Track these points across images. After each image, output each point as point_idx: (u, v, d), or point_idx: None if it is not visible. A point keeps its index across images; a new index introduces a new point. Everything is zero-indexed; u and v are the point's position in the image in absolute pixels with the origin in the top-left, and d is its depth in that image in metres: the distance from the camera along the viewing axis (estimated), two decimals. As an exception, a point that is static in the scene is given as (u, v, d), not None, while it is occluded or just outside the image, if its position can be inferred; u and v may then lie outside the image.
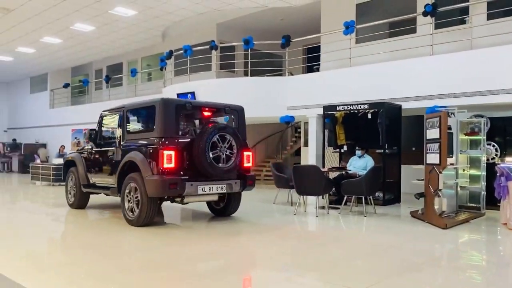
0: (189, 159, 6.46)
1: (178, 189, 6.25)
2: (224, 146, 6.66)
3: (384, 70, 9.97)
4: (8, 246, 5.41)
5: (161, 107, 6.47)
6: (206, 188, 6.54)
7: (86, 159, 8.13)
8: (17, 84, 24.72)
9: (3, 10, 12.60)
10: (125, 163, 6.80)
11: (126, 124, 7.25)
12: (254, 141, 16.98)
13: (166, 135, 6.39)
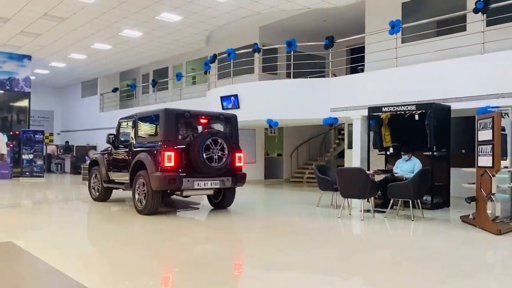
0: (187, 159, 7.60)
1: (177, 184, 7.46)
2: (217, 148, 7.73)
3: (432, 70, 9.66)
4: (63, 243, 5.69)
5: (164, 116, 7.71)
6: (201, 184, 7.72)
7: (107, 160, 9.36)
8: (70, 89, 25.96)
9: (57, 19, 13.29)
10: (136, 162, 7.99)
11: (137, 130, 8.48)
12: (297, 143, 16.94)
13: (167, 139, 7.60)
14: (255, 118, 12.85)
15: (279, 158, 17.05)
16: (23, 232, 6.38)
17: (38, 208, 8.99)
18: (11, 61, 17.94)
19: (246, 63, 14.18)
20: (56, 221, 7.70)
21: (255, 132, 15.89)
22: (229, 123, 8.59)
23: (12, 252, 5.02)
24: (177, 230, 6.81)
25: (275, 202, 10.94)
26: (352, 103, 11.01)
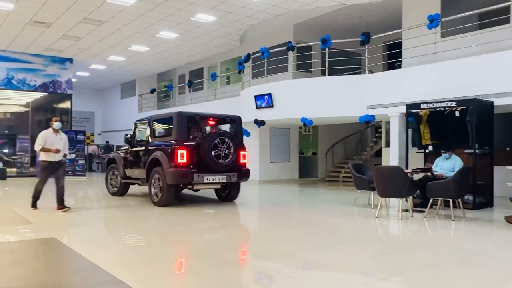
0: (197, 156, 8.48)
1: (188, 178, 8.35)
2: (224, 147, 8.59)
3: (473, 64, 9.29)
4: (105, 238, 5.86)
5: (177, 118, 8.64)
6: (210, 178, 8.59)
7: (123, 158, 10.17)
8: (109, 90, 26.76)
9: (97, 22, 13.71)
10: (152, 160, 8.84)
11: (153, 130, 9.37)
12: (332, 142, 16.74)
13: (180, 138, 8.52)
14: (289, 117, 12.79)
15: (314, 157, 16.90)
16: (66, 229, 6.61)
17: (80, 206, 9.29)
18: (54, 64, 18.68)
19: (280, 62, 14.14)
20: (96, 218, 7.94)
21: (289, 131, 15.82)
22: (234, 124, 9.55)
23: (54, 248, 5.21)
24: (208, 227, 6.86)
25: (310, 201, 10.85)
26: (389, 100, 10.75)
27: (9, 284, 3.81)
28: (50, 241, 5.50)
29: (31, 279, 3.97)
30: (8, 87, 17.81)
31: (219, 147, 8.53)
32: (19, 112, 19.60)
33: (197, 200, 10.11)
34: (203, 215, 8.38)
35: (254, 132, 14.72)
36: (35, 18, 13.30)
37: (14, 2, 11.93)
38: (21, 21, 13.69)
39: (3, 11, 12.70)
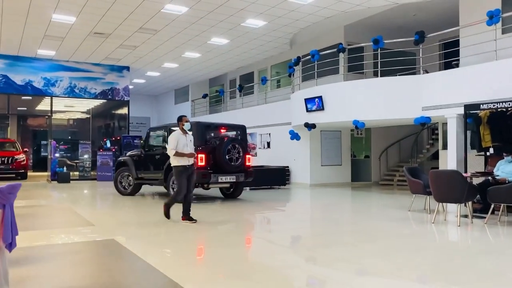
0: (213, 159, 9.81)
1: (207, 178, 9.66)
2: (235, 151, 10.04)
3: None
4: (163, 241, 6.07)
5: (195, 127, 9.74)
6: (223, 178, 10.00)
7: (135, 161, 11.35)
8: (164, 96, 27.67)
9: (152, 31, 14.26)
10: (170, 162, 9.36)
11: None
12: (386, 145, 16.31)
13: (199, 144, 9.50)
14: (341, 120, 12.61)
15: (367, 160, 16.53)
16: (125, 230, 6.91)
17: (137, 207, 9.69)
18: (112, 73, 19.61)
19: (330, 64, 13.98)
20: (153, 220, 8.22)
21: (340, 134, 15.59)
22: (239, 131, 11.01)
23: (114, 249, 5.47)
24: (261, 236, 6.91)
25: (364, 205, 10.63)
26: (446, 101, 10.30)
27: (70, 283, 4.05)
28: (110, 242, 5.79)
29: (91, 279, 4.20)
30: (71, 95, 18.93)
31: (232, 152, 10.00)
32: (80, 118, 20.78)
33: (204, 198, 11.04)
34: (247, 216, 8.45)
35: (305, 135, 14.65)
36: (95, 29, 14.05)
37: (76, 15, 12.66)
38: (82, 33, 14.50)
39: (66, 24, 13.51)
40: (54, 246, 5.62)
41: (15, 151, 17.97)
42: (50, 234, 6.39)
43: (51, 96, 18.60)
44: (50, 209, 9.52)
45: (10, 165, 17.08)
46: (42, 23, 13.43)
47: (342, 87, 12.72)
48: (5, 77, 17.61)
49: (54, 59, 18.23)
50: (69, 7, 11.95)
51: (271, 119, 16.84)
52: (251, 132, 18.24)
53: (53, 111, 18.90)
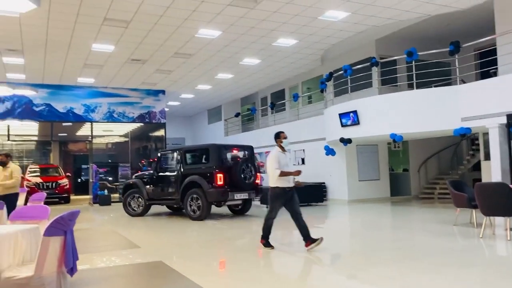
0: (229, 178, 10.51)
1: (225, 196, 10.37)
2: (248, 170, 10.76)
3: None
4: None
5: (214, 148, 10.84)
6: (238, 195, 10.71)
7: (146, 182, 11.93)
8: (197, 116, 28.21)
9: (186, 56, 14.68)
10: (188, 182, 10.78)
11: (185, 159, 11.35)
12: (424, 157, 15.99)
13: (217, 164, 10.58)
14: (377, 134, 12.50)
15: (406, 174, 16.23)
16: (172, 252, 7.05)
17: (179, 228, 9.86)
18: (149, 97, 20.23)
19: (363, 78, 13.94)
20: (198, 240, 8.35)
21: (377, 148, 15.42)
22: (248, 151, 11.74)
23: (162, 271, 5.61)
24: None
25: (405, 221, 10.43)
26: (486, 111, 10.08)
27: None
28: (157, 264, 5.93)
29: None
30: (110, 120, 19.61)
31: (245, 170, 10.71)
32: (119, 142, 21.43)
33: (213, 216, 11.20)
34: (284, 234, 8.44)
35: (340, 150, 14.58)
36: (132, 56, 14.60)
37: (115, 44, 13.22)
38: (120, 60, 15.09)
39: (105, 53, 14.11)
40: (105, 269, 5.82)
41: (58, 176, 18.69)
42: (100, 257, 6.62)
43: (91, 122, 19.35)
44: (95, 232, 9.83)
45: (54, 189, 17.75)
46: (82, 53, 14.08)
47: (377, 100, 12.64)
48: (48, 106, 18.47)
49: (93, 86, 19.00)
50: (108, 37, 12.51)
51: (305, 135, 16.86)
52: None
53: (93, 135, 19.62)
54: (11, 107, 17.82)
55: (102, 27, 11.64)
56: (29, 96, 17.86)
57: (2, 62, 14.53)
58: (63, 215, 3.65)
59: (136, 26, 11.66)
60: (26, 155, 22.99)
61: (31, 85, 17.76)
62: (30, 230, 4.15)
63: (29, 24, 11.23)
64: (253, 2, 10.37)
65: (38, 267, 3.53)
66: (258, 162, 20.37)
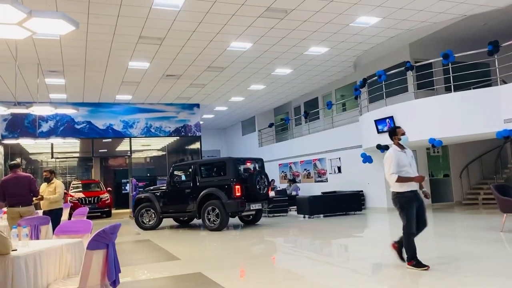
0: (245, 189, 11.05)
1: (244, 207, 10.91)
2: (262, 181, 11.45)
3: None
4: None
5: (231, 162, 11.34)
6: (253, 206, 11.29)
7: (158, 196, 12.16)
8: (231, 128, 28.47)
9: (219, 69, 14.90)
10: (204, 195, 11.21)
11: (201, 172, 11.71)
12: (466, 161, 15.43)
13: (235, 177, 11.08)
14: (415, 139, 12.14)
15: (447, 179, 15.71)
16: (211, 263, 7.10)
17: (219, 240, 9.92)
18: (184, 111, 20.63)
19: (398, 83, 13.68)
20: (237, 252, 8.38)
21: (415, 153, 15.01)
22: (259, 163, 12.29)
23: (201, 282, 5.64)
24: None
25: (448, 228, 10.06)
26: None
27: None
28: (197, 276, 5.98)
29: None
30: (147, 135, 20.13)
31: (260, 182, 11.31)
32: (157, 156, 21.90)
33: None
34: (323, 244, 8.32)
35: (378, 157, 14.30)
36: (167, 72, 14.96)
37: (150, 61, 13.60)
38: (156, 76, 15.50)
39: (141, 70, 14.54)
40: (146, 281, 5.92)
41: (100, 191, 19.25)
42: (140, 269, 6.74)
43: (130, 137, 19.92)
44: (136, 244, 10.03)
45: (96, 204, 18.29)
46: (120, 71, 14.56)
47: (414, 105, 12.35)
48: (89, 123, 19.17)
49: (131, 103, 19.58)
50: (144, 54, 12.89)
51: (340, 143, 16.67)
52: (320, 157, 18.15)
53: (132, 150, 20.17)
54: (54, 126, 18.63)
55: (138, 45, 12.01)
56: (71, 114, 18.60)
57: (45, 83, 15.22)
58: (105, 228, 3.75)
59: (170, 42, 11.97)
60: (69, 171, 23.85)
61: (72, 104, 18.51)
62: (74, 244, 4.29)
63: (69, 45, 11.76)
64: (283, 13, 10.43)
65: (83, 280, 3.63)
66: (293, 171, 20.35)
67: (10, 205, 7.44)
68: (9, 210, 7.44)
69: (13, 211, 7.37)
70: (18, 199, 7.41)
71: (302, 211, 13.68)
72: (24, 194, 7.47)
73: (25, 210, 7.41)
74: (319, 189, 17.20)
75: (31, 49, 11.72)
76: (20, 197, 7.43)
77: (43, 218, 6.52)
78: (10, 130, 18.01)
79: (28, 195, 7.53)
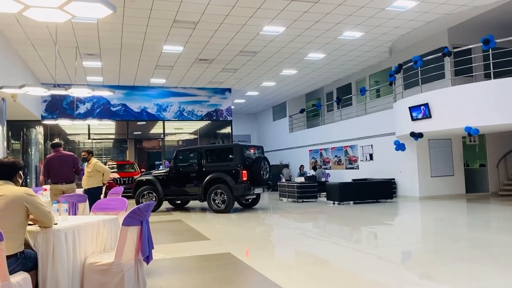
0: (251, 174, 11.67)
1: (250, 191, 11.57)
2: (265, 167, 12.08)
3: None
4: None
5: (238, 148, 11.88)
6: (256, 190, 11.96)
7: (161, 180, 12.53)
8: (262, 113, 28.49)
9: (251, 53, 14.89)
10: (210, 179, 11.71)
11: (206, 157, 12.12)
12: (503, 151, 14.92)
13: (241, 162, 11.63)
14: (451, 127, 11.89)
15: (483, 169, 15.25)
16: (240, 244, 7.25)
17: (245, 222, 10.08)
18: (216, 95, 20.81)
19: (435, 69, 13.29)
20: (263, 234, 8.51)
21: (450, 142, 14.64)
22: (260, 150, 12.97)
23: (229, 262, 5.78)
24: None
25: (482, 219, 9.82)
26: None
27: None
28: (226, 256, 6.13)
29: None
30: (180, 118, 20.47)
31: (263, 167, 11.91)
32: (189, 139, 22.25)
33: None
34: (353, 230, 8.30)
35: (411, 145, 14.03)
36: (200, 56, 15.09)
37: (183, 45, 13.75)
38: (189, 61, 15.66)
39: (175, 54, 14.73)
40: (178, 259, 6.12)
41: (134, 171, 19.77)
42: (173, 248, 6.96)
43: (163, 120, 20.32)
44: (167, 224, 10.31)
45: (130, 184, 18.81)
46: (154, 55, 14.80)
47: (451, 92, 12.00)
48: (124, 106, 19.65)
49: (164, 87, 19.91)
50: (178, 38, 13.04)
51: (372, 130, 16.42)
52: (352, 144, 17.95)
53: (165, 133, 20.58)
54: (90, 108, 19.20)
55: (172, 29, 12.15)
56: (107, 97, 19.09)
57: (83, 66, 15.67)
58: (140, 206, 3.90)
59: (203, 26, 12.05)
60: (105, 152, 24.56)
61: (108, 86, 18.98)
62: (110, 220, 4.47)
63: (106, 29, 12.04)
64: (317, -4, 10.28)
65: (118, 255, 3.80)
66: (323, 158, 20.24)
67: (54, 182, 7.85)
68: (53, 187, 7.85)
69: (57, 188, 7.77)
70: (62, 177, 7.85)
71: (332, 197, 13.65)
72: (68, 172, 7.90)
73: (68, 187, 7.86)
74: (350, 176, 17.06)
75: (69, 32, 12.07)
76: (64, 175, 7.86)
77: (81, 196, 6.82)
78: (49, 111, 18.70)
79: (71, 173, 7.95)
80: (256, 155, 12.53)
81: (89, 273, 3.83)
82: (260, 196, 13.08)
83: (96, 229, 4.25)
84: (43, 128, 19.33)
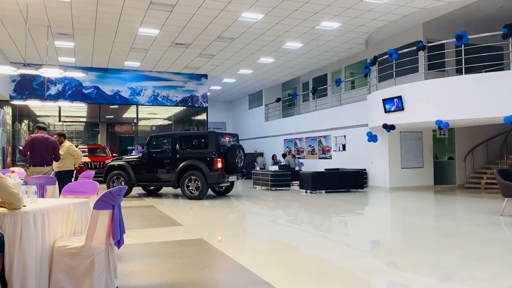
0: (225, 162, 11.64)
1: (224, 178, 11.54)
2: (240, 155, 12.07)
3: None
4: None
5: (213, 135, 11.78)
6: (231, 177, 11.90)
7: (133, 165, 12.42)
8: (238, 101, 28.41)
9: (228, 40, 14.77)
10: (184, 166, 11.65)
11: (181, 144, 12.01)
12: (471, 145, 15.40)
13: (216, 150, 11.57)
14: (422, 120, 12.17)
15: (451, 162, 15.72)
16: (212, 230, 7.27)
17: (220, 209, 10.10)
18: (192, 81, 20.58)
19: (409, 63, 13.53)
20: (236, 221, 8.55)
21: (421, 135, 15.00)
22: (235, 138, 13.03)
23: (202, 248, 5.79)
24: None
25: (449, 210, 10.14)
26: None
27: (166, 278, 4.39)
28: (198, 241, 6.13)
29: (183, 275, 4.51)
30: (155, 103, 20.18)
31: (238, 155, 11.90)
32: (163, 125, 22.00)
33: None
34: (324, 219, 8.44)
35: (383, 137, 14.30)
36: (176, 40, 14.86)
37: (160, 28, 13.50)
38: (165, 44, 15.41)
39: (150, 37, 14.45)
40: (150, 244, 6.08)
41: (105, 156, 19.42)
42: (145, 233, 6.91)
43: (137, 105, 19.98)
44: (139, 210, 10.22)
45: (101, 169, 18.49)
46: (129, 37, 14.48)
47: (423, 86, 12.26)
48: (96, 88, 19.21)
49: (139, 70, 19.55)
50: (154, 21, 12.79)
51: (346, 121, 16.64)
52: (326, 134, 18.16)
53: (138, 118, 20.26)
54: (62, 89, 18.70)
55: (148, 11, 11.90)
56: (79, 78, 18.63)
57: (54, 45, 15.19)
58: (112, 190, 3.84)
59: (181, 10, 11.85)
60: (76, 135, 24.02)
61: (81, 68, 18.50)
62: (81, 203, 4.38)
63: (79, 8, 11.68)
64: (296, -15, 10.25)
65: (88, 238, 3.74)
66: (298, 147, 20.40)
67: (35, 163, 7.79)
68: (33, 169, 7.73)
69: (38, 171, 7.65)
70: (44, 159, 7.84)
71: (305, 186, 13.81)
72: (49, 155, 7.92)
73: (48, 169, 7.89)
74: (323, 165, 17.28)
75: (41, 10, 11.66)
76: (46, 158, 7.87)
77: (50, 178, 6.67)
78: (18, 92, 18.10)
79: (51, 157, 7.98)
80: (231, 143, 12.48)
81: (58, 257, 3.75)
82: (234, 184, 13.09)
83: (66, 212, 4.16)
84: (12, 108, 18.70)
